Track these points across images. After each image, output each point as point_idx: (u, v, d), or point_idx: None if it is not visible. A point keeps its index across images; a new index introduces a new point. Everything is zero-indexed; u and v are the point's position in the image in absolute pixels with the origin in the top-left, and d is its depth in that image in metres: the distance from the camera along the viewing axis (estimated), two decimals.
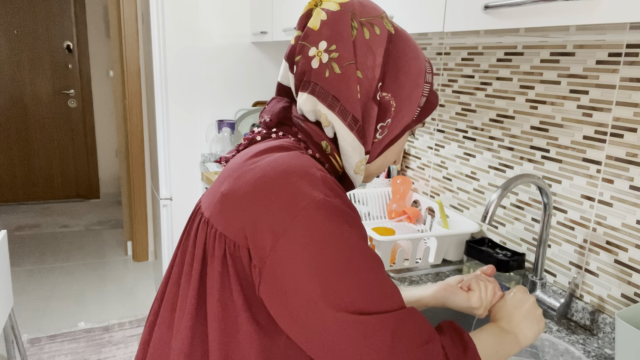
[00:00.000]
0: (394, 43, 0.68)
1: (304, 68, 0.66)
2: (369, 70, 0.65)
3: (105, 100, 4.54)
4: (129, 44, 2.97)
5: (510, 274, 1.16)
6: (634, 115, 0.96)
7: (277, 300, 0.56)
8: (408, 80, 0.68)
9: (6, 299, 1.63)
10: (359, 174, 0.69)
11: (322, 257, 0.54)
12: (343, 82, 0.64)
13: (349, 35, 0.65)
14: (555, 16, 0.74)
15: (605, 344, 1.00)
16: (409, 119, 0.70)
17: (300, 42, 0.67)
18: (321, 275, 0.54)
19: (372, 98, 0.66)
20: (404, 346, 0.54)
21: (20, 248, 3.55)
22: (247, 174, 0.61)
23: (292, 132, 0.69)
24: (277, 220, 0.55)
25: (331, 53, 0.64)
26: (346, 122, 0.65)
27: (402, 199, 1.60)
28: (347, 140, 0.66)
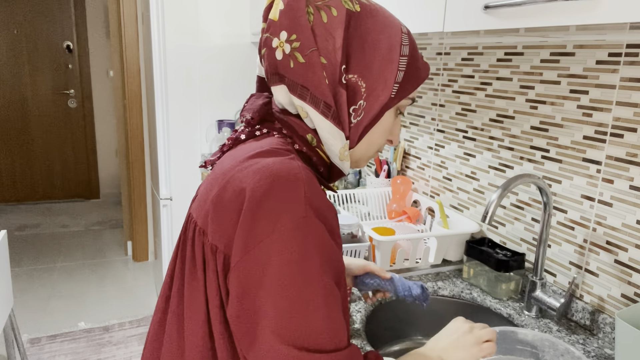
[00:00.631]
0: (357, 21, 0.65)
1: (270, 60, 0.65)
2: (331, 54, 0.63)
3: (105, 100, 4.54)
4: (129, 44, 2.97)
5: (510, 274, 1.16)
6: (634, 115, 0.96)
7: (234, 310, 0.56)
8: (377, 58, 0.65)
9: (6, 299, 1.63)
10: (344, 161, 0.68)
11: (284, 284, 0.53)
12: (309, 71, 0.63)
13: (306, 21, 0.63)
14: (555, 16, 0.74)
15: (605, 344, 1.00)
16: (385, 98, 0.66)
17: (264, 34, 0.66)
18: (278, 302, 0.53)
19: (338, 82, 0.64)
20: None
21: (20, 248, 3.55)
22: (234, 181, 0.59)
23: (275, 128, 0.67)
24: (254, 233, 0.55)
25: (292, 43, 0.63)
26: (319, 109, 0.63)
27: (402, 199, 1.60)
28: (325, 128, 0.65)
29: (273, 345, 0.53)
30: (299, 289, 0.53)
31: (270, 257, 0.54)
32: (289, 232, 0.54)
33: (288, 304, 0.53)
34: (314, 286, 0.54)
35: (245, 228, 0.55)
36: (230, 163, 0.63)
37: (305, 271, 0.54)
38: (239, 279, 0.55)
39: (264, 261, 0.54)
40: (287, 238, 0.54)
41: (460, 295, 1.20)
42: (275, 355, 0.53)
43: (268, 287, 0.54)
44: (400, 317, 1.20)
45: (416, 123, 1.66)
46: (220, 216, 0.59)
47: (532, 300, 1.08)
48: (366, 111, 0.67)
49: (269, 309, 0.53)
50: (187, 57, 2.47)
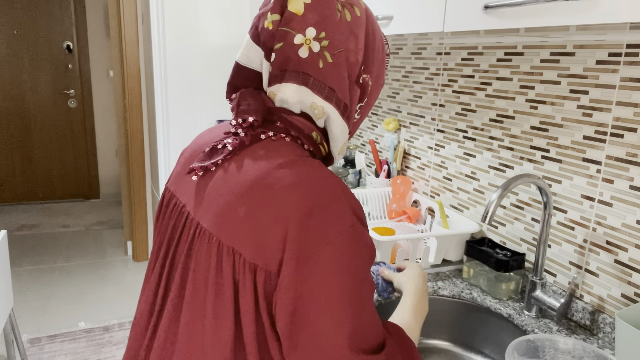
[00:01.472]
0: (370, 22, 0.65)
1: (288, 57, 0.61)
2: (353, 54, 0.62)
3: (105, 100, 4.54)
4: (129, 44, 2.97)
5: (510, 274, 1.16)
6: (634, 115, 0.96)
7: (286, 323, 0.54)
8: (378, 58, 0.66)
9: (6, 299, 1.63)
10: (341, 154, 0.69)
11: (342, 293, 0.53)
12: (336, 72, 0.61)
13: (335, 19, 0.60)
14: (555, 16, 0.74)
15: (605, 344, 1.00)
16: (378, 94, 0.69)
17: (280, 27, 0.60)
18: (337, 311, 0.53)
19: (355, 82, 0.63)
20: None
21: (20, 248, 3.55)
22: (271, 199, 0.55)
23: (282, 130, 0.63)
24: (305, 247, 0.53)
25: (322, 41, 0.59)
26: (340, 110, 0.63)
27: (402, 199, 1.60)
28: (339, 127, 0.64)
29: (338, 353, 0.52)
30: (355, 297, 0.54)
31: (326, 269, 0.53)
32: (340, 243, 0.53)
33: (347, 312, 0.53)
34: (365, 291, 0.55)
35: (296, 243, 0.53)
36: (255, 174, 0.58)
37: (358, 278, 0.54)
38: (294, 293, 0.53)
39: (319, 273, 0.53)
40: (339, 249, 0.53)
41: (460, 295, 1.20)
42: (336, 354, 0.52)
43: (326, 298, 0.53)
44: None
45: (416, 123, 1.66)
46: (260, 234, 0.55)
47: (532, 300, 1.08)
48: (366, 108, 0.68)
49: (328, 318, 0.53)
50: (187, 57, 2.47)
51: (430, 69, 1.57)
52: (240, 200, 0.57)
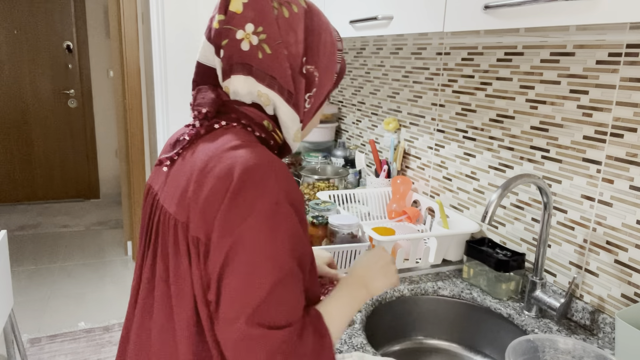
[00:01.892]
0: (310, 18, 0.72)
1: (233, 51, 0.68)
2: (293, 46, 0.69)
3: (105, 100, 4.54)
4: (129, 44, 2.97)
5: (510, 274, 1.16)
6: (634, 115, 0.96)
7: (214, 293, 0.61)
8: (326, 51, 0.73)
9: (6, 299, 1.63)
10: (297, 141, 0.75)
11: (252, 266, 0.59)
12: (276, 61, 0.68)
13: (272, 15, 0.68)
14: (555, 16, 0.74)
15: (605, 344, 1.00)
16: (329, 86, 0.76)
17: (224, 26, 0.68)
18: (244, 282, 0.59)
19: (299, 72, 0.70)
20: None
21: (20, 248, 3.55)
22: (212, 176, 0.62)
23: (233, 119, 0.70)
24: (231, 219, 0.59)
25: (260, 35, 0.67)
26: (284, 97, 0.70)
27: (402, 199, 1.60)
28: (287, 114, 0.71)
29: (238, 324, 0.58)
30: (263, 271, 0.59)
31: (243, 240, 0.59)
32: (262, 217, 0.59)
33: (253, 285, 0.59)
34: (278, 268, 0.60)
35: (223, 216, 0.60)
36: (203, 158, 0.66)
37: (273, 254, 0.59)
38: (216, 263, 0.60)
39: (237, 244, 0.59)
40: (260, 222, 0.59)
41: (460, 295, 1.20)
42: (238, 332, 0.58)
43: (238, 269, 0.59)
44: (400, 317, 1.20)
45: (416, 123, 1.66)
46: (204, 210, 0.62)
47: (532, 300, 1.08)
48: (316, 97, 0.75)
49: (236, 290, 0.59)
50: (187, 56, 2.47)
51: (430, 69, 1.57)
52: (190, 182, 0.65)
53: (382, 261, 0.82)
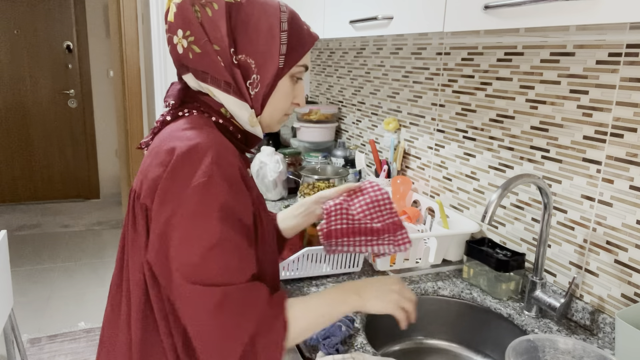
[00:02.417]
0: (237, 10, 0.77)
1: (174, 55, 0.79)
2: (220, 41, 0.76)
3: (105, 100, 4.54)
4: (129, 44, 2.97)
5: (510, 274, 1.16)
6: (634, 115, 0.96)
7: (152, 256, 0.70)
8: (260, 37, 0.77)
9: (6, 299, 1.63)
10: (255, 126, 0.82)
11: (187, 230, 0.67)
12: (205, 58, 0.76)
13: (195, 19, 0.75)
14: (555, 16, 0.74)
15: (605, 344, 1.00)
16: (274, 69, 0.79)
17: (167, 34, 0.80)
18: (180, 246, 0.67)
19: (231, 63, 0.76)
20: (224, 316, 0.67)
21: (20, 248, 3.55)
22: (161, 152, 0.72)
23: (195, 108, 0.80)
24: (171, 189, 0.68)
25: (188, 38, 0.76)
26: (221, 87, 0.77)
27: (402, 199, 1.60)
28: (230, 102, 0.78)
29: (179, 283, 0.66)
30: (198, 235, 0.66)
31: (178, 208, 0.67)
32: (196, 189, 0.67)
33: (189, 247, 0.66)
34: (210, 233, 0.67)
35: (163, 186, 0.68)
36: (159, 139, 0.76)
37: (205, 220, 0.67)
38: (155, 229, 0.69)
39: (173, 212, 0.67)
40: (193, 194, 0.67)
41: (460, 295, 1.20)
42: (181, 290, 0.66)
43: (175, 234, 0.67)
44: None
45: (416, 123, 1.66)
46: (151, 180, 0.71)
47: (532, 300, 1.08)
48: (261, 82, 0.79)
49: (174, 253, 0.67)
50: None
51: (430, 69, 1.57)
52: (147, 158, 0.75)
53: (391, 285, 0.84)
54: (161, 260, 0.69)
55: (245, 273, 0.70)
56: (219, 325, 0.66)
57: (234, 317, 0.67)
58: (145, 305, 0.74)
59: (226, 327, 0.66)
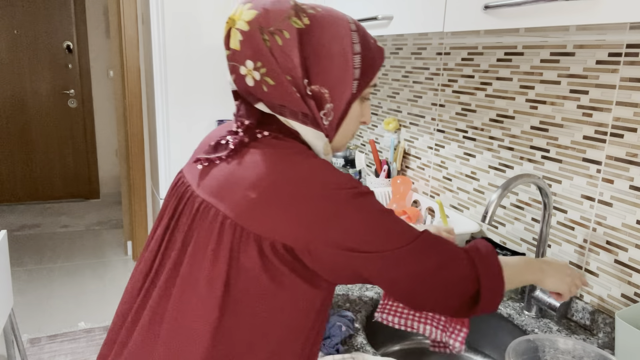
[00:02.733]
0: (308, 36, 0.71)
1: (243, 86, 0.73)
2: (292, 71, 0.70)
3: (105, 100, 4.54)
4: (129, 44, 2.97)
5: None
6: (634, 115, 0.96)
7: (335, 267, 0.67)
8: (333, 64, 0.72)
9: (6, 299, 1.63)
10: (328, 154, 0.78)
11: (368, 223, 0.66)
12: (280, 89, 0.70)
13: (265, 48, 0.70)
14: (555, 16, 0.74)
15: (605, 344, 1.00)
16: (348, 95, 0.74)
17: (230, 62, 0.73)
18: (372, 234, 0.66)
19: (305, 94, 0.71)
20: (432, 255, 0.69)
21: (20, 248, 3.55)
22: (281, 182, 0.66)
23: (274, 130, 0.74)
24: (318, 215, 0.65)
25: (260, 70, 0.70)
26: (299, 119, 0.72)
27: (402, 199, 1.60)
28: (308, 134, 0.73)
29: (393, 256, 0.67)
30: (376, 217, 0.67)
31: (352, 217, 0.65)
32: (350, 196, 0.66)
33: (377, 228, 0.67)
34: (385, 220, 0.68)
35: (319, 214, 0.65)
36: (260, 167, 0.69)
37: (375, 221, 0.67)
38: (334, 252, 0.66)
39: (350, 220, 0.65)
40: (352, 199, 0.66)
41: None
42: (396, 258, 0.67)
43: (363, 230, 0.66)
44: None
45: (416, 123, 1.66)
46: (272, 212, 0.65)
47: (532, 300, 1.08)
48: (335, 111, 0.74)
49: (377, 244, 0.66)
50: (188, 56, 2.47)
51: (430, 69, 1.57)
52: (250, 188, 0.67)
53: (571, 271, 0.89)
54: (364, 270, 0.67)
55: (413, 228, 0.72)
56: (438, 262, 0.69)
57: (446, 256, 0.70)
58: None
59: (448, 265, 0.69)
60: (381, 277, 0.68)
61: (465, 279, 0.71)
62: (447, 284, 0.70)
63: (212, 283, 0.67)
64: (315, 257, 0.66)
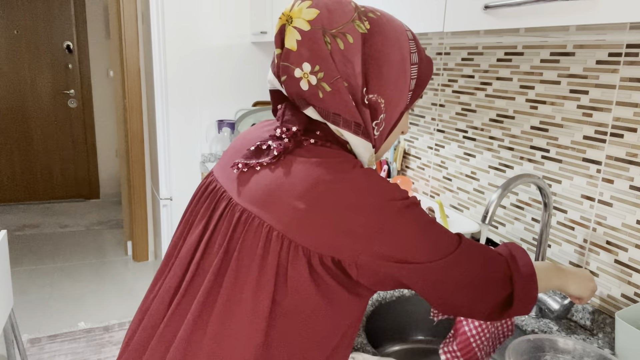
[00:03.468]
0: (370, 42, 0.67)
1: (295, 89, 0.68)
2: (352, 78, 0.66)
3: (105, 100, 4.54)
4: (129, 44, 2.97)
5: None
6: (634, 115, 0.96)
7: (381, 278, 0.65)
8: (392, 73, 0.69)
9: (6, 299, 1.63)
10: (371, 165, 0.74)
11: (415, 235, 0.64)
12: (337, 98, 0.66)
13: (326, 52, 0.65)
14: (555, 16, 0.74)
15: (605, 344, 1.00)
16: (402, 106, 0.72)
17: (282, 62, 0.68)
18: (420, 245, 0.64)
19: (361, 103, 0.67)
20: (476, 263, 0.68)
21: (20, 248, 3.55)
22: (330, 193, 0.63)
23: (321, 137, 0.70)
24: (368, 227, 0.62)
25: (317, 74, 0.66)
26: (352, 129, 0.68)
27: None
28: (358, 144, 0.70)
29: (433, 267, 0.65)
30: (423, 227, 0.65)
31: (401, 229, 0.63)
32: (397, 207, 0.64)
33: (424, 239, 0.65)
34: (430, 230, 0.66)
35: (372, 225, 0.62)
36: (308, 176, 0.65)
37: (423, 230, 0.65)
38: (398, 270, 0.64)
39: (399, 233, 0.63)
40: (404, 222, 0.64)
41: None
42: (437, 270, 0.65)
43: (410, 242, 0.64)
44: (400, 317, 1.20)
45: (416, 123, 1.66)
46: (320, 224, 0.63)
47: None
48: (387, 122, 0.71)
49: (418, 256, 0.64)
50: (187, 57, 2.47)
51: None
52: (297, 198, 0.64)
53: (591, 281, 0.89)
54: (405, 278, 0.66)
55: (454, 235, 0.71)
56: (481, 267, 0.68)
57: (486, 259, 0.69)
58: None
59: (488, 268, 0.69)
60: (425, 285, 0.66)
61: (502, 280, 0.70)
62: (486, 286, 0.69)
63: (258, 295, 0.64)
64: (362, 269, 0.64)
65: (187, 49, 2.46)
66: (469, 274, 0.67)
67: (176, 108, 2.51)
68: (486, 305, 0.70)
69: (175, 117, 2.52)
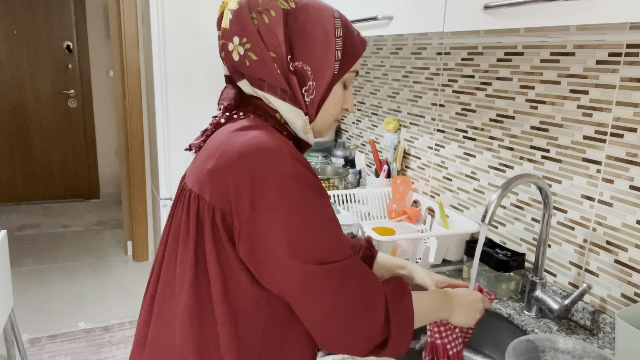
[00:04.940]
0: (293, 17, 0.76)
1: (230, 62, 0.77)
2: (277, 48, 0.75)
3: (105, 100, 4.54)
4: (129, 44, 2.97)
5: (510, 274, 1.16)
6: (634, 115, 0.96)
7: (254, 258, 0.68)
8: (316, 44, 0.76)
9: (6, 299, 1.63)
10: (308, 133, 0.80)
11: (289, 220, 0.66)
12: (262, 65, 0.75)
13: (252, 25, 0.75)
14: (555, 16, 0.74)
15: (605, 344, 1.00)
16: (330, 75, 0.78)
17: (220, 40, 0.78)
18: (289, 236, 0.66)
19: (288, 70, 0.75)
20: (351, 287, 0.68)
21: (20, 248, 3.55)
22: (228, 152, 0.70)
23: (250, 111, 0.78)
24: (255, 190, 0.66)
25: (244, 45, 0.75)
26: (277, 95, 0.76)
27: (402, 199, 1.60)
28: (285, 109, 0.76)
29: (298, 268, 0.66)
30: (305, 220, 0.67)
31: (276, 204, 0.66)
32: (283, 186, 0.66)
33: (298, 233, 0.66)
34: (316, 215, 0.68)
35: (247, 187, 0.66)
36: (220, 139, 0.74)
37: (305, 212, 0.67)
38: (252, 226, 0.67)
39: (271, 208, 0.66)
40: (282, 191, 0.66)
41: None
42: (301, 274, 0.66)
43: (279, 226, 0.66)
44: None
45: (416, 123, 1.66)
46: (218, 181, 0.69)
47: (532, 300, 1.08)
48: (317, 89, 0.78)
49: (282, 240, 0.66)
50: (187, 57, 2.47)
51: (430, 69, 1.57)
52: (208, 159, 0.72)
53: (476, 304, 0.89)
54: (261, 252, 0.67)
55: (350, 249, 0.72)
56: (354, 296, 0.68)
57: (361, 285, 0.69)
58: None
59: (361, 296, 0.69)
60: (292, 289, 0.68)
61: (378, 322, 0.70)
62: (358, 322, 0.69)
63: (183, 264, 0.72)
64: (242, 240, 0.68)
65: (187, 49, 2.46)
66: (343, 296, 0.67)
67: (176, 108, 2.51)
68: (359, 344, 0.70)
69: (175, 117, 2.52)
